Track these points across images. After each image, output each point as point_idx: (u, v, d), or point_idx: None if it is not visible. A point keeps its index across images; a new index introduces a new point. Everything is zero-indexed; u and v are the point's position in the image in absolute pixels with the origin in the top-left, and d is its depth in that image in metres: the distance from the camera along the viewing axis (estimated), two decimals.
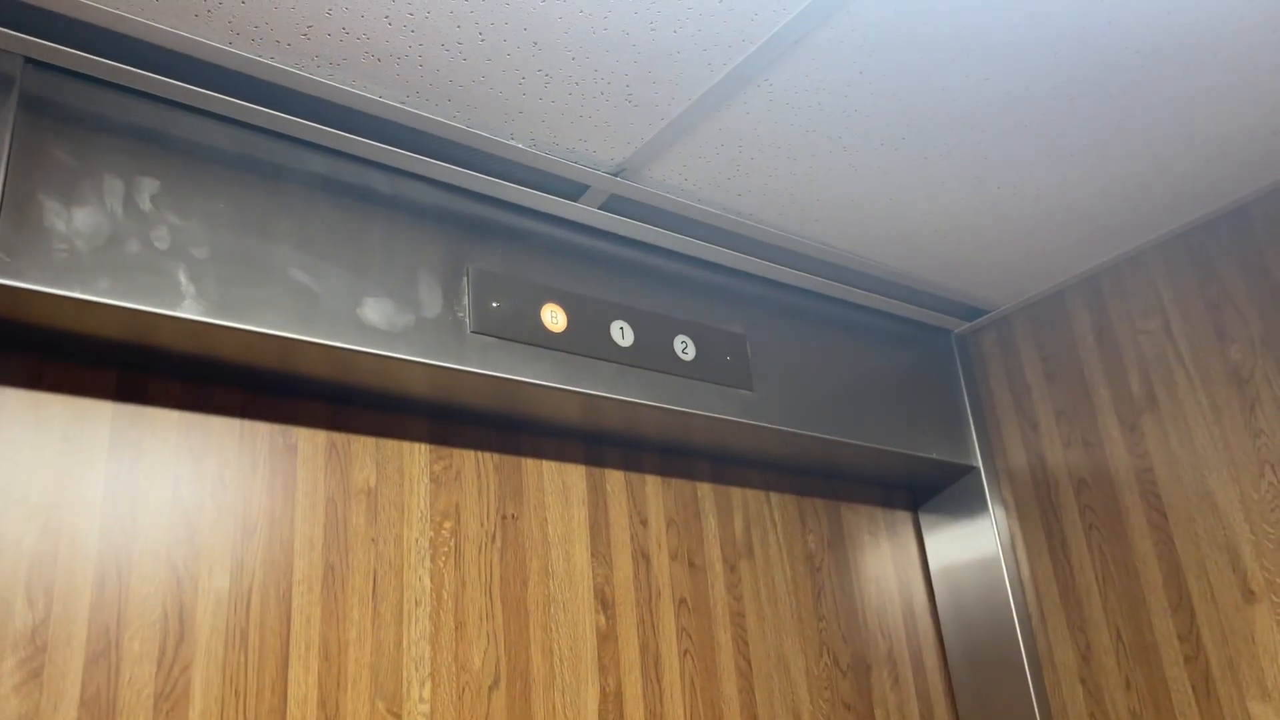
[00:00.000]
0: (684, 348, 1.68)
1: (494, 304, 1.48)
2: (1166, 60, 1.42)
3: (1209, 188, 1.74)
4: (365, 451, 1.48)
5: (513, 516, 1.59)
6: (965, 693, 1.98)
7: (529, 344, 1.50)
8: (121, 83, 1.27)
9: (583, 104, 1.40)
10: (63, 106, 1.23)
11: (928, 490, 2.15)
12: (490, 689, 1.46)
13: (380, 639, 1.39)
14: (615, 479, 1.73)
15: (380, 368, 1.39)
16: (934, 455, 1.99)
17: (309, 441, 1.43)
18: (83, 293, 1.16)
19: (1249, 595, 1.67)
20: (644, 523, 1.73)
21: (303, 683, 1.31)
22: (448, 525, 1.51)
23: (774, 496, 1.94)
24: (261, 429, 1.40)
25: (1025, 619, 1.95)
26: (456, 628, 1.46)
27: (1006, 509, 2.04)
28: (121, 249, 1.20)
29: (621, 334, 1.61)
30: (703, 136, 1.49)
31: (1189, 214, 1.81)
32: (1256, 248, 1.75)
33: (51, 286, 1.14)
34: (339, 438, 1.46)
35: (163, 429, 1.33)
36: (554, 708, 1.51)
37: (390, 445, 1.50)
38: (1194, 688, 1.72)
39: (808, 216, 1.71)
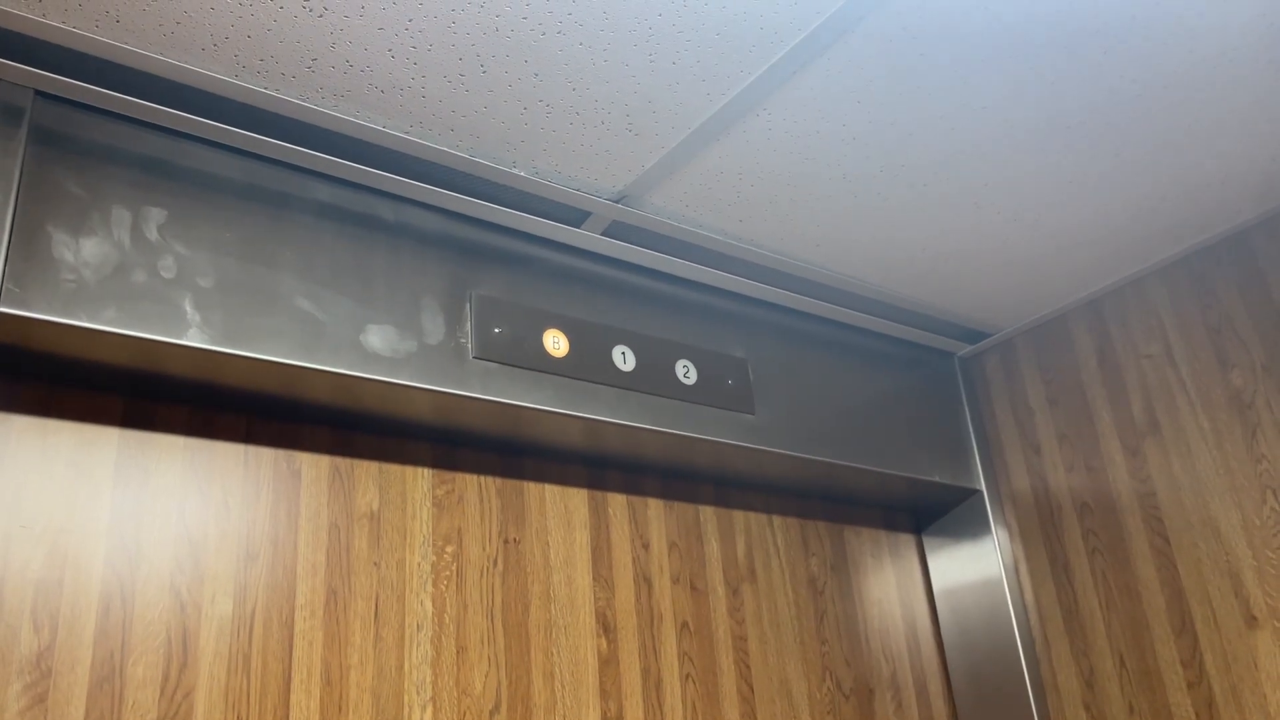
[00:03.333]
0: (686, 372, 1.69)
1: (496, 330, 1.50)
2: (1166, 88, 1.43)
3: (1210, 213, 1.75)
4: (368, 476, 1.49)
5: (515, 540, 1.59)
6: (969, 717, 1.98)
7: (531, 369, 1.51)
8: (129, 115, 1.29)
9: (584, 133, 1.42)
10: (71, 139, 1.25)
11: (931, 513, 2.15)
12: (491, 713, 1.47)
13: (382, 663, 1.40)
14: (617, 503, 1.74)
15: (383, 394, 1.41)
16: (937, 478, 1.99)
17: (312, 467, 1.45)
18: (90, 322, 1.17)
19: (1251, 621, 1.67)
20: (646, 546, 1.74)
21: (305, 707, 1.32)
22: (450, 549, 1.52)
23: (776, 520, 1.94)
24: (266, 454, 1.42)
25: (1029, 643, 1.95)
26: (458, 652, 1.47)
27: (1009, 532, 2.04)
28: (128, 278, 1.22)
29: (623, 359, 1.62)
30: (703, 164, 1.50)
31: (1190, 239, 1.82)
32: (1258, 273, 1.76)
33: (59, 316, 1.16)
34: (342, 463, 1.48)
35: (168, 455, 1.34)
36: None
37: (393, 470, 1.52)
38: (1197, 714, 1.71)
39: (808, 242, 1.73)
